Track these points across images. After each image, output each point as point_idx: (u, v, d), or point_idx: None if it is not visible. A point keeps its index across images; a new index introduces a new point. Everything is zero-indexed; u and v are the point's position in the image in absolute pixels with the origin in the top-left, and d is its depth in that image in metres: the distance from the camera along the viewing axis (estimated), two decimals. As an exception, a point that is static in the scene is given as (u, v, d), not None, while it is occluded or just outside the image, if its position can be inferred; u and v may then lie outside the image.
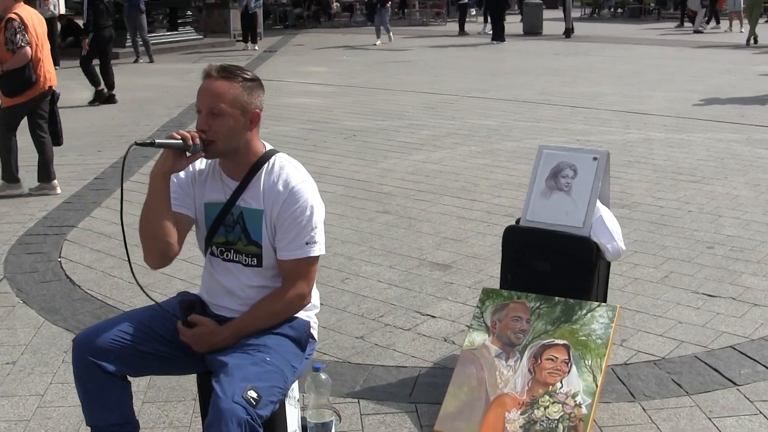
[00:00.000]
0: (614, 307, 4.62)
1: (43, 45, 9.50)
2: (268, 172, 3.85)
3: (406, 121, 14.25)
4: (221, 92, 3.69)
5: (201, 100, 3.74)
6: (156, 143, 3.66)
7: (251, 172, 3.85)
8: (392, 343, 5.65)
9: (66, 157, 11.60)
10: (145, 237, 3.80)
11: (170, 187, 3.81)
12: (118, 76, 17.94)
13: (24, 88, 9.33)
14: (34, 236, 8.10)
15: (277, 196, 3.79)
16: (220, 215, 3.88)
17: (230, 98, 3.70)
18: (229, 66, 3.78)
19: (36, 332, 5.92)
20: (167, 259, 3.87)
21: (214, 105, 3.69)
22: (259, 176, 3.84)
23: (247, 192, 3.84)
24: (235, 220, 3.86)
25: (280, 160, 3.91)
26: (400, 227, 8.16)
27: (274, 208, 3.79)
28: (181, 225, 3.86)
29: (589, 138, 12.26)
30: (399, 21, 42.52)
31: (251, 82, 3.79)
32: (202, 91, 3.74)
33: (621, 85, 18.14)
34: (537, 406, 4.36)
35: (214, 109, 3.69)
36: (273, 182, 3.82)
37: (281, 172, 3.84)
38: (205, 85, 3.74)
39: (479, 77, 20.06)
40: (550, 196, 4.95)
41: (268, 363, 3.60)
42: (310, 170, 4.07)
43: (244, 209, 3.84)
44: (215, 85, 3.71)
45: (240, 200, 3.84)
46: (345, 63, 24.08)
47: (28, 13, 9.42)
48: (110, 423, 3.81)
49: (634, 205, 8.67)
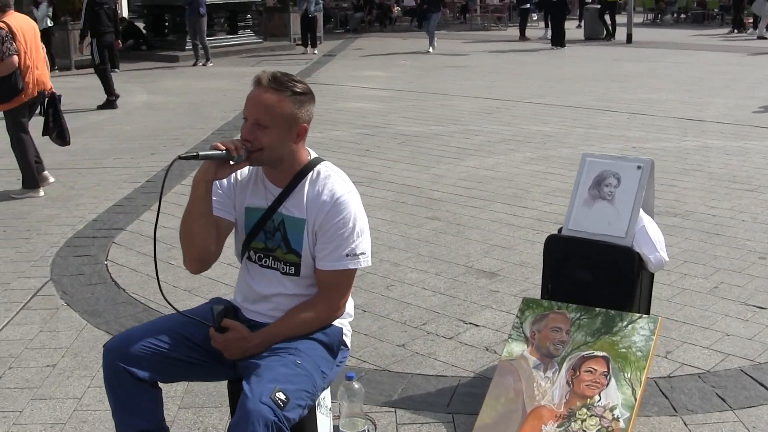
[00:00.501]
0: (656, 318, 4.52)
1: (34, 51, 9.78)
2: (313, 182, 3.80)
3: (461, 126, 14.17)
4: (269, 105, 3.64)
5: (249, 109, 3.68)
6: (200, 155, 3.60)
7: (295, 180, 3.80)
8: (433, 351, 5.60)
9: (119, 160, 11.72)
10: (186, 243, 3.80)
11: (213, 191, 3.79)
12: (177, 79, 18.08)
13: (11, 95, 9.64)
14: (83, 238, 8.14)
15: (321, 207, 3.74)
16: (260, 221, 3.84)
17: (278, 112, 3.65)
18: (281, 76, 3.70)
19: (78, 335, 5.95)
20: (207, 264, 3.88)
21: (260, 117, 3.64)
22: (302, 185, 3.80)
23: (290, 200, 3.80)
24: (276, 227, 3.82)
25: (325, 169, 3.86)
26: (448, 234, 8.10)
27: (317, 219, 3.75)
28: (220, 229, 3.84)
29: (646, 145, 12.10)
30: (460, 26, 42.42)
31: (302, 96, 3.72)
32: (251, 100, 3.68)
33: (680, 91, 17.92)
34: (574, 419, 4.28)
35: (261, 121, 3.64)
36: (317, 192, 3.77)
37: (326, 181, 3.80)
38: (254, 94, 3.68)
39: (537, 83, 19.92)
40: (592, 204, 4.87)
41: (298, 366, 3.56)
42: (362, 175, 4.04)
43: (285, 217, 3.80)
44: (264, 96, 3.65)
45: (282, 207, 3.80)
46: (403, 68, 24.02)
47: (18, 21, 9.71)
48: (140, 430, 3.79)
49: (686, 213, 8.53)
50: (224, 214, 3.88)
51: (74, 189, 10.19)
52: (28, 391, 5.16)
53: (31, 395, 5.11)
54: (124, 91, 17.92)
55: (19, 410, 4.94)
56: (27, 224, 8.71)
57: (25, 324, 6.19)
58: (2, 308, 6.49)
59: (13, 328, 6.12)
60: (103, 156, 12.23)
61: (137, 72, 17.95)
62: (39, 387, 5.22)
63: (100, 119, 15.79)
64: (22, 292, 6.79)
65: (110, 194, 9.84)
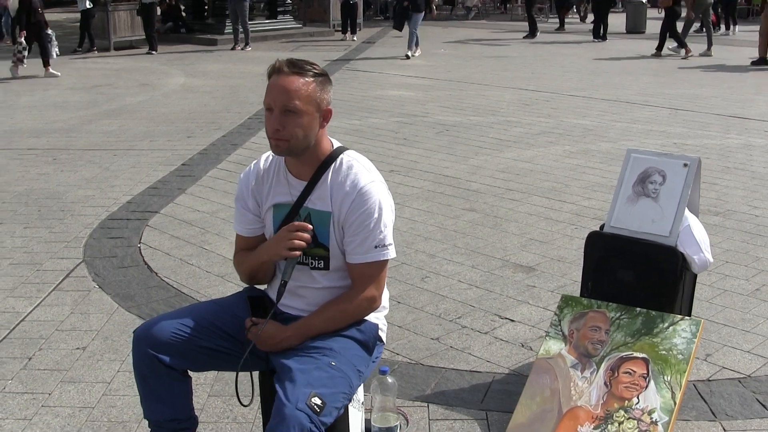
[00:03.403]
0: (698, 321, 4.41)
1: None
2: (336, 172, 3.71)
3: (500, 117, 14.05)
4: (295, 88, 3.55)
5: (273, 97, 3.57)
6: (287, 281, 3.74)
7: (318, 171, 3.72)
8: (468, 346, 5.51)
9: (155, 142, 11.71)
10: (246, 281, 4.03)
11: (244, 214, 3.91)
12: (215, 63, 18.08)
13: None
14: (117, 221, 8.11)
15: (345, 198, 3.66)
16: (287, 217, 3.76)
17: (305, 94, 3.56)
18: (297, 60, 3.62)
19: (108, 318, 5.90)
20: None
21: (288, 102, 3.54)
22: (326, 176, 3.71)
23: (315, 193, 3.72)
24: (302, 221, 3.74)
25: (348, 158, 3.76)
26: (485, 226, 8.00)
27: (342, 210, 3.67)
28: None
29: (687, 142, 11.94)
30: (500, 16, 42.23)
31: (322, 77, 3.64)
32: (274, 87, 3.58)
33: (723, 87, 17.68)
34: (611, 421, 4.18)
35: (289, 107, 3.54)
36: (340, 182, 3.68)
37: (349, 171, 3.70)
38: (276, 80, 3.58)
39: (577, 75, 19.75)
40: (636, 202, 4.76)
41: (333, 367, 3.48)
42: (399, 164, 3.96)
43: (311, 210, 3.72)
44: (288, 80, 3.56)
45: (307, 201, 3.72)
46: (442, 57, 23.90)
47: None
48: (168, 418, 3.75)
49: (728, 213, 8.38)
50: (261, 231, 3.93)
51: (109, 170, 10.16)
52: (58, 374, 5.12)
53: (60, 377, 5.07)
54: (162, 74, 17.94)
55: (48, 392, 4.90)
56: (61, 205, 8.69)
57: (56, 305, 6.15)
58: (34, 289, 6.46)
59: (44, 310, 6.08)
60: (139, 138, 12.23)
61: (176, 54, 17.94)
62: (68, 369, 5.18)
63: (138, 101, 15.80)
64: (55, 273, 6.76)
65: (145, 176, 9.82)
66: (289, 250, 3.64)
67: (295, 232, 3.63)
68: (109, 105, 15.40)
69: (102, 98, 16.21)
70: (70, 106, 15.34)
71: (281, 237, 3.67)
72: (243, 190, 3.89)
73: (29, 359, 5.32)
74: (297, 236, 3.62)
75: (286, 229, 3.66)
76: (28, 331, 5.74)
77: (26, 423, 4.58)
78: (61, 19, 36.35)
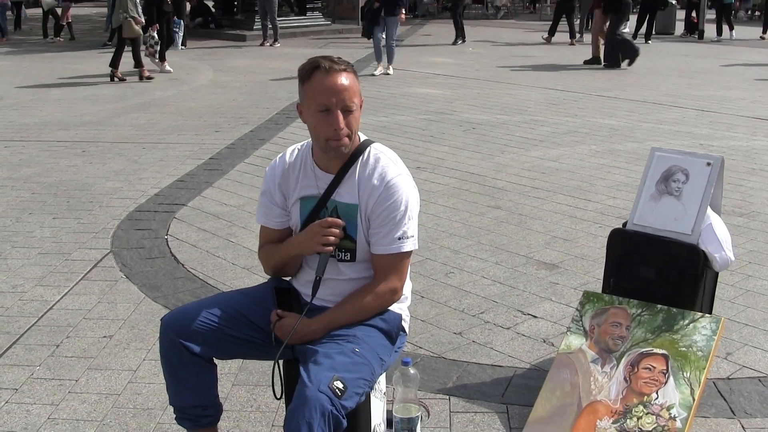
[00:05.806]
0: (718, 319, 4.44)
1: None
2: (363, 164, 3.74)
3: (527, 116, 14.06)
4: (350, 85, 3.58)
5: (331, 97, 3.55)
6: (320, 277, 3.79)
7: (347, 164, 3.75)
8: (490, 341, 5.55)
9: (183, 136, 11.79)
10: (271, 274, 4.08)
11: (271, 208, 3.93)
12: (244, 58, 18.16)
13: None
14: (144, 212, 8.19)
15: (372, 191, 3.70)
16: (314, 210, 3.80)
17: (357, 90, 3.63)
18: (335, 57, 3.65)
19: (135, 308, 5.97)
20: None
21: (349, 101, 3.57)
22: (354, 169, 3.74)
23: (342, 186, 3.75)
24: (329, 214, 3.76)
25: (375, 151, 3.79)
26: (510, 223, 8.03)
27: (369, 203, 3.71)
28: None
29: (713, 143, 11.93)
30: (530, 15, 42.14)
31: (355, 71, 3.71)
32: (332, 87, 3.55)
33: (751, 89, 17.60)
34: (630, 415, 4.22)
35: (350, 106, 3.58)
36: (368, 175, 3.72)
37: (376, 164, 3.73)
38: (331, 80, 3.55)
39: (605, 75, 19.71)
40: (659, 200, 4.79)
41: (356, 354, 3.53)
42: (426, 161, 4.00)
43: (339, 203, 3.76)
44: (344, 77, 3.58)
45: (335, 194, 3.76)
46: (471, 55, 23.90)
47: None
48: (193, 404, 3.80)
49: (753, 214, 8.38)
50: (288, 224, 3.95)
51: (138, 163, 10.26)
52: (85, 361, 5.20)
53: (87, 365, 5.15)
54: (191, 69, 18.06)
55: (75, 379, 4.97)
56: (90, 196, 8.78)
57: (84, 294, 6.23)
58: (63, 278, 6.54)
59: (72, 298, 6.17)
60: (167, 132, 12.33)
61: (205, 50, 18.07)
62: (95, 357, 5.25)
63: (167, 95, 15.92)
64: (83, 263, 6.85)
65: (173, 170, 9.90)
66: (323, 246, 3.69)
67: (329, 228, 3.67)
68: (138, 99, 15.51)
69: (131, 92, 16.34)
70: (100, 99, 15.47)
71: (314, 232, 3.69)
72: (270, 184, 3.91)
73: (57, 346, 5.40)
74: (330, 232, 3.66)
75: (319, 224, 3.68)
76: (56, 319, 5.83)
77: (53, 408, 4.65)
78: (92, 14, 36.56)
